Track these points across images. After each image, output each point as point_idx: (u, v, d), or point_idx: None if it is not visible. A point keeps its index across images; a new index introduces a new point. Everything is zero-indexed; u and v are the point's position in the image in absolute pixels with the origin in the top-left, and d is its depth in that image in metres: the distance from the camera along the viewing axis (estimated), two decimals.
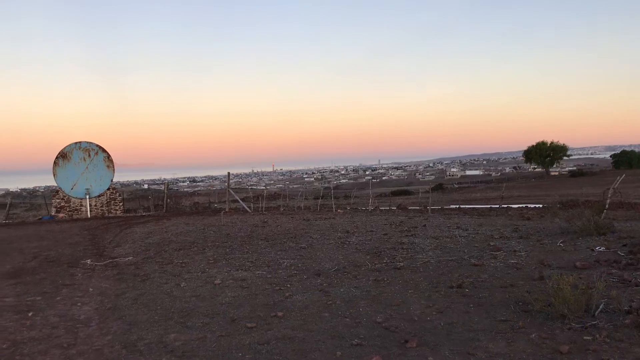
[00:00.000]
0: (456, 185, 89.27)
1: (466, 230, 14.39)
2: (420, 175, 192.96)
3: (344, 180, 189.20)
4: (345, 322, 6.11)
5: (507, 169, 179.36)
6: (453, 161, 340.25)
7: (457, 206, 27.62)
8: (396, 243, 12.29)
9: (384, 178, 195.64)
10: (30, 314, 6.99)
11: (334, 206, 28.53)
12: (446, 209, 25.95)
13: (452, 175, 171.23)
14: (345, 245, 12.26)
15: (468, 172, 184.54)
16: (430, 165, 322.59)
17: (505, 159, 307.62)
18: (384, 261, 10.01)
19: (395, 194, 66.78)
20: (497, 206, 24.43)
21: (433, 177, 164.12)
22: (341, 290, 7.80)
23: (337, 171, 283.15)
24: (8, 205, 34.08)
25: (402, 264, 9.54)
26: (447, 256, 10.24)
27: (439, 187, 76.89)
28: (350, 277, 8.68)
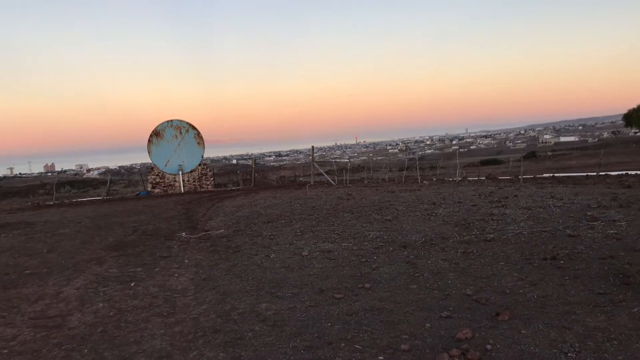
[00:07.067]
0: (549, 153, 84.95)
1: (561, 199, 13.71)
2: (511, 144, 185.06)
3: (429, 151, 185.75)
4: (433, 295, 6.05)
5: (605, 134, 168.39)
6: (546, 127, 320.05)
7: (551, 175, 26.28)
8: (486, 214, 11.95)
9: (472, 147, 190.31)
10: (132, 284, 7.47)
11: (419, 177, 28.10)
12: (539, 177, 24.79)
13: (545, 143, 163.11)
14: (432, 217, 12.08)
15: (562, 139, 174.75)
16: (522, 132, 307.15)
17: (602, 123, 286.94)
18: (473, 233, 9.78)
19: (484, 163, 64.57)
20: (595, 174, 23.06)
21: (524, 144, 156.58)
22: (429, 262, 7.71)
23: (422, 142, 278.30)
24: (109, 182, 36.49)
25: (492, 236, 9.28)
26: (541, 227, 9.82)
27: (531, 155, 73.36)
28: (438, 249, 8.56)
